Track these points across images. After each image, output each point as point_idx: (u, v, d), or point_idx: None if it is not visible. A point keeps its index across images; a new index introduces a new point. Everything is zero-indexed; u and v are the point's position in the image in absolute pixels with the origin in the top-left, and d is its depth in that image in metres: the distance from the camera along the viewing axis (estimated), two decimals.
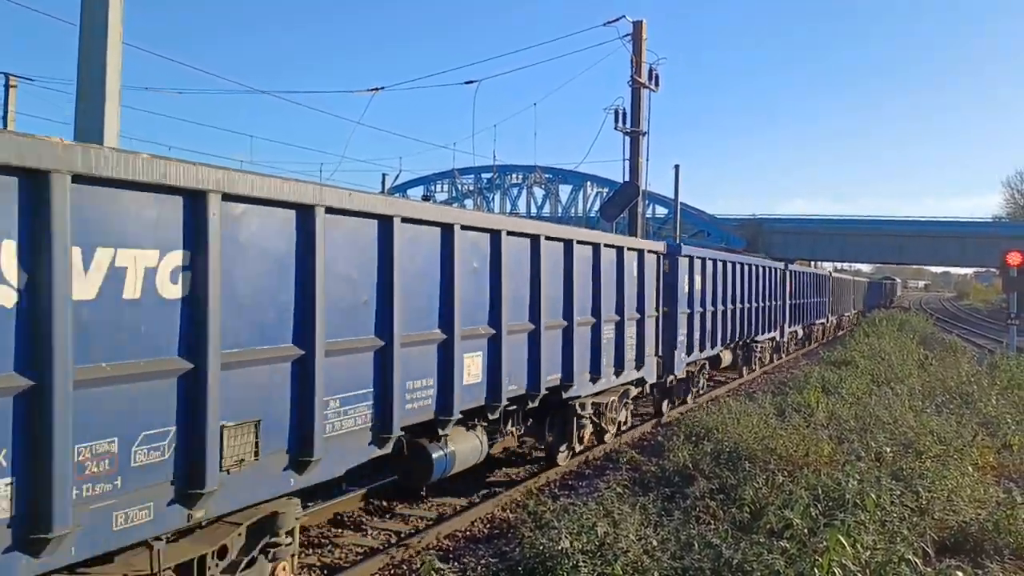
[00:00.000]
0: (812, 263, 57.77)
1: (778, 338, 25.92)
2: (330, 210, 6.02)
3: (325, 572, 7.38)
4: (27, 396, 4.10)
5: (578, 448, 11.49)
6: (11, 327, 4.06)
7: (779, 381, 20.56)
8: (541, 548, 6.64)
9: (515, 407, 9.37)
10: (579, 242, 10.29)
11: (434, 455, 8.08)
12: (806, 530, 6.69)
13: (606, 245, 11.21)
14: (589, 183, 68.76)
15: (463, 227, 7.75)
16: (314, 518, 8.47)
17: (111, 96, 9.50)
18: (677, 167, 36.09)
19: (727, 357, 19.61)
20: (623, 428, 13.19)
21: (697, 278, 16.03)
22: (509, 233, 8.60)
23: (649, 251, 13.11)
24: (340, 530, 8.56)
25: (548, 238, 9.48)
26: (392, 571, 7.46)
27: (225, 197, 5.12)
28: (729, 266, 18.66)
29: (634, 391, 13.27)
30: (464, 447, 8.54)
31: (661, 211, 58.93)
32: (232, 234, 5.24)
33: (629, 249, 12.15)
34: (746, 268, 20.22)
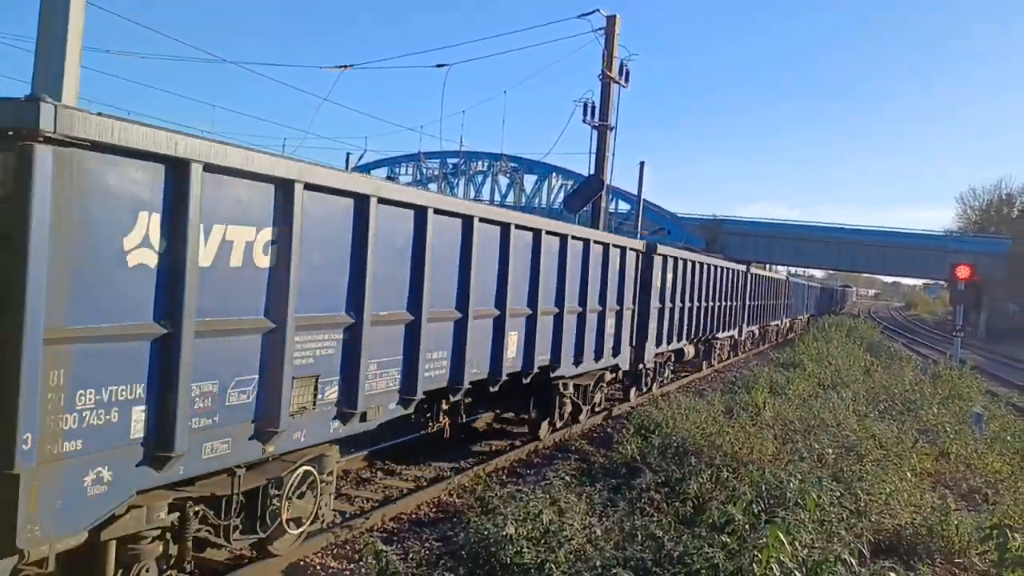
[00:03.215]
0: (768, 266, 58.60)
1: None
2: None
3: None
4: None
5: None
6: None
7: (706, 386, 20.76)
8: (486, 533, 6.67)
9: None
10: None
11: None
12: (747, 526, 6.80)
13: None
14: (554, 174, 68.69)
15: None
16: None
17: (72, 55, 9.25)
18: (642, 163, 36.08)
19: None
20: None
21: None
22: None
23: None
24: None
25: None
26: (335, 551, 7.43)
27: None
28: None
29: None
30: None
31: (624, 207, 59.24)
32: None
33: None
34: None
